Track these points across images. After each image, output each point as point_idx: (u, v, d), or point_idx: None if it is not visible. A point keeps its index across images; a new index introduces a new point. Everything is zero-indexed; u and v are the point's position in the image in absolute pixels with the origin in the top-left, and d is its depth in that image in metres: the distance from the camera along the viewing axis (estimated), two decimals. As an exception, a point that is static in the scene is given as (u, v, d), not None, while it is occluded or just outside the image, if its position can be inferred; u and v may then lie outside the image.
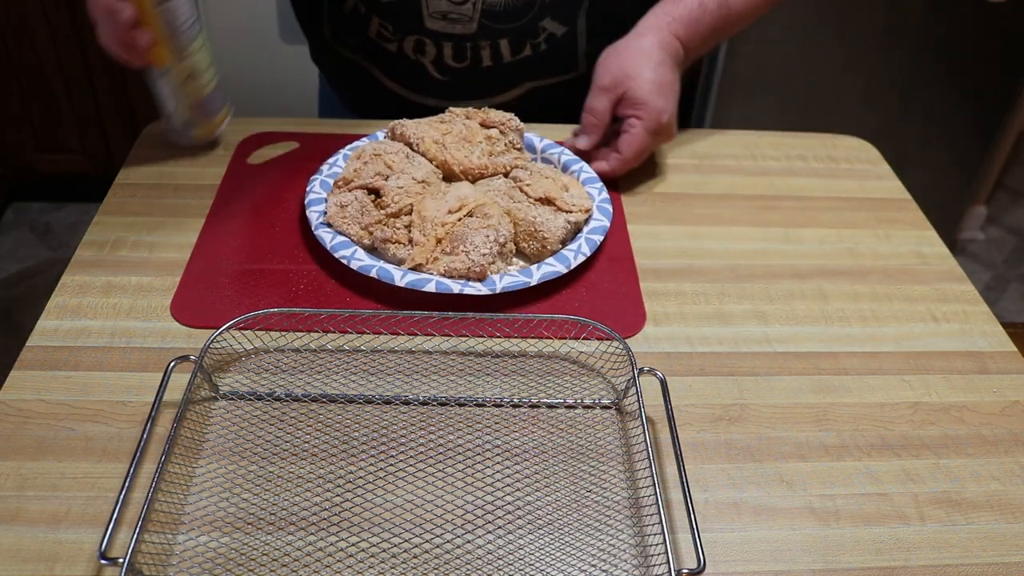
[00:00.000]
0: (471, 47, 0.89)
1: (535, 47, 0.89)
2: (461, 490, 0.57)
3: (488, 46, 0.89)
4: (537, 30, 0.88)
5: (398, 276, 0.68)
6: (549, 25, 0.88)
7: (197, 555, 0.52)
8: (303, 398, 0.63)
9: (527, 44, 0.89)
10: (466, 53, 0.89)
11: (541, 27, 0.88)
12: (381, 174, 0.75)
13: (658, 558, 0.53)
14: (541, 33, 0.89)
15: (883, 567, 0.55)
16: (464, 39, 0.88)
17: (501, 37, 0.88)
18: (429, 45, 0.89)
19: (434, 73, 0.91)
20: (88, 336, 0.66)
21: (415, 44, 0.89)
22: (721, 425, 0.63)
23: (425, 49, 0.89)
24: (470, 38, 0.88)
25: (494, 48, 0.89)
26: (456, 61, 0.90)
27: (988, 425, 0.65)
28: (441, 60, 0.90)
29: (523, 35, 0.89)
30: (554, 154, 0.86)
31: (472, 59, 0.90)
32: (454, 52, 0.89)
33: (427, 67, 0.91)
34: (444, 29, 0.87)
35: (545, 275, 0.70)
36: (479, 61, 0.90)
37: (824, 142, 0.97)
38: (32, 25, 1.93)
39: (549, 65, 0.92)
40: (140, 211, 0.80)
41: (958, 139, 2.04)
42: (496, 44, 0.89)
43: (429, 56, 0.90)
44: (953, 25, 1.83)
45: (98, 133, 2.12)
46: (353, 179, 0.75)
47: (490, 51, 0.89)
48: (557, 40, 0.90)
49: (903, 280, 0.78)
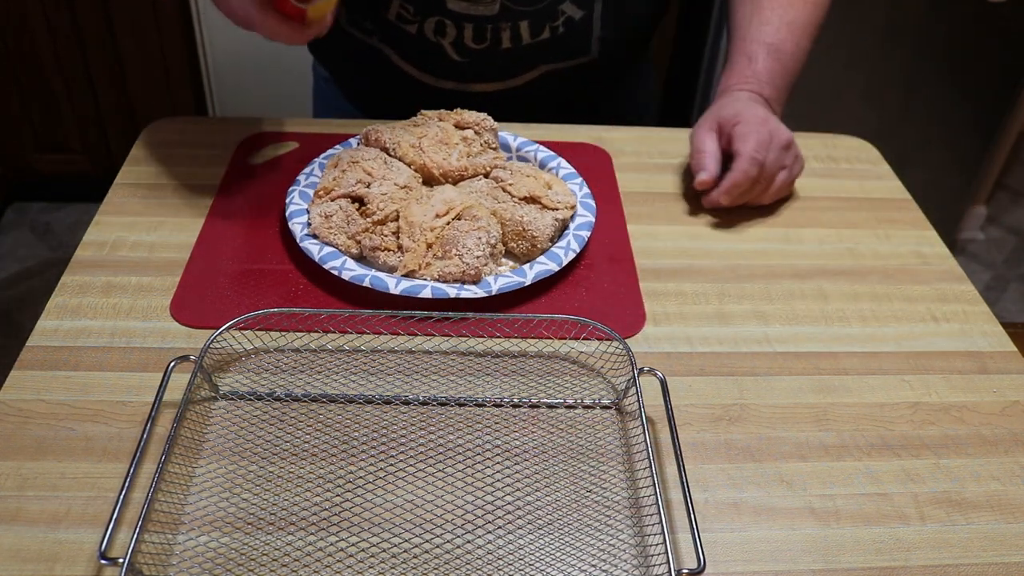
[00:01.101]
0: (491, 29, 0.89)
1: (553, 30, 0.90)
2: (461, 490, 0.57)
3: (508, 28, 0.89)
4: (556, 13, 0.89)
5: (392, 284, 0.68)
6: (568, 9, 0.89)
7: (197, 555, 0.52)
8: (303, 398, 0.63)
9: (546, 27, 0.90)
10: (486, 34, 0.90)
11: (560, 10, 0.89)
12: (362, 181, 0.74)
13: (658, 558, 0.53)
14: (560, 16, 0.89)
15: (883, 567, 0.55)
16: (485, 20, 0.89)
17: (522, 19, 0.89)
18: (450, 26, 0.89)
19: (452, 55, 0.91)
20: (88, 336, 0.66)
21: (435, 25, 0.89)
22: (721, 425, 0.63)
23: (445, 30, 0.89)
24: (491, 20, 0.89)
25: (514, 30, 0.89)
26: (476, 43, 0.90)
27: (988, 425, 0.65)
28: (461, 41, 0.90)
29: (543, 18, 0.89)
30: (530, 152, 0.86)
31: (492, 40, 0.90)
32: (474, 33, 0.89)
33: (446, 48, 0.91)
34: (466, 11, 0.87)
35: (539, 274, 0.70)
36: (498, 43, 0.90)
37: (824, 142, 0.97)
38: (32, 25, 1.93)
39: (564, 49, 0.93)
40: (140, 211, 0.80)
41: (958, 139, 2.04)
42: (516, 26, 0.89)
43: (449, 37, 0.90)
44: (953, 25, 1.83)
45: (98, 133, 2.12)
46: (334, 188, 0.75)
47: (510, 33, 0.90)
48: (574, 24, 0.90)
49: (903, 280, 0.78)
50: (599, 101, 1.03)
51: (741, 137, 0.80)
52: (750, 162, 0.79)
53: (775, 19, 0.88)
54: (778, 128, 0.81)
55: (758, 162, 0.79)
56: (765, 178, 0.81)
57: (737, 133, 0.80)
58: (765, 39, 0.87)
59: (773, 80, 0.87)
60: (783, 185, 0.83)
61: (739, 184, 0.80)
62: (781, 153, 0.81)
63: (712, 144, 0.82)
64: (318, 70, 1.09)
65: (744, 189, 0.80)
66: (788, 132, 0.82)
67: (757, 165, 0.79)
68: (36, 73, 2.01)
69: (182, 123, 0.92)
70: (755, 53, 0.87)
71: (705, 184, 0.81)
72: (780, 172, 0.82)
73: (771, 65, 0.87)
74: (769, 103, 0.86)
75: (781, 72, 0.87)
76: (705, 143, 0.83)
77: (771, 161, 0.80)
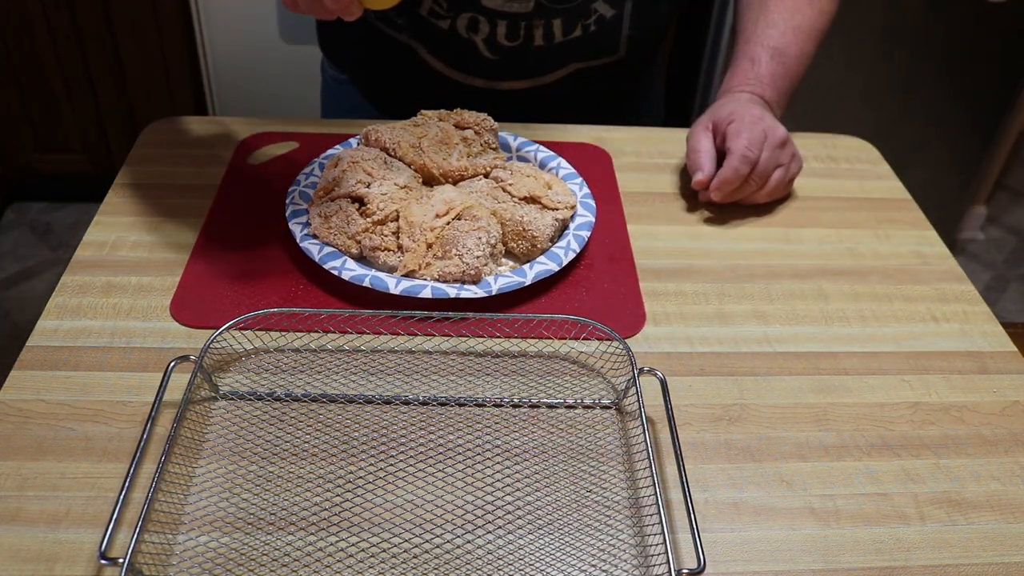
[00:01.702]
0: (525, 26, 0.89)
1: (585, 28, 0.90)
2: (461, 490, 0.57)
3: (541, 25, 0.89)
4: (589, 11, 0.89)
5: (392, 284, 0.68)
6: (600, 7, 0.89)
7: (197, 555, 0.52)
8: (303, 398, 0.63)
9: (578, 25, 0.90)
10: (519, 32, 0.90)
11: (593, 8, 0.89)
12: (362, 182, 0.74)
13: (658, 558, 0.53)
14: (592, 15, 0.90)
15: (883, 567, 0.55)
16: (519, 18, 0.89)
17: (555, 17, 0.89)
18: (483, 23, 0.89)
19: (484, 52, 0.91)
20: (88, 336, 0.66)
21: (468, 22, 0.89)
22: (721, 425, 0.63)
23: (479, 27, 0.89)
24: (525, 17, 0.89)
25: (547, 28, 0.90)
26: (509, 40, 0.90)
27: (988, 425, 0.65)
28: (493, 39, 0.90)
29: (576, 16, 0.90)
30: (530, 152, 0.86)
31: (525, 38, 0.90)
32: (508, 31, 0.90)
33: (478, 45, 0.91)
34: (500, 7, 0.88)
35: (539, 274, 0.70)
36: (531, 40, 0.91)
37: (824, 142, 0.97)
38: (32, 25, 1.93)
39: (595, 47, 0.93)
40: (140, 211, 0.80)
41: (958, 139, 2.04)
42: (549, 24, 0.89)
43: (482, 34, 0.90)
44: (953, 25, 1.83)
45: (98, 133, 2.12)
46: (334, 188, 0.75)
47: (543, 31, 0.90)
48: (605, 22, 0.91)
49: (903, 280, 0.78)
50: (622, 99, 1.03)
51: (733, 135, 0.80)
52: (740, 160, 0.79)
53: (781, 23, 0.88)
54: (773, 126, 0.81)
55: (749, 160, 0.79)
56: (759, 176, 0.81)
57: (730, 131, 0.81)
58: (770, 42, 0.87)
59: (775, 83, 0.87)
60: (779, 184, 0.83)
61: (729, 181, 0.80)
62: (776, 151, 0.81)
63: (707, 143, 0.83)
64: (328, 71, 1.08)
65: (735, 187, 0.81)
66: (783, 130, 0.82)
67: (748, 163, 0.79)
68: (36, 73, 2.01)
69: (182, 123, 0.92)
70: (759, 56, 0.87)
71: (701, 184, 0.81)
72: (776, 170, 0.82)
73: (774, 68, 0.87)
74: (769, 105, 0.86)
75: (784, 75, 0.88)
76: (700, 142, 0.83)
77: (765, 159, 0.80)
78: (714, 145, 0.83)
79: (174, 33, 1.95)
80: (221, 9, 1.87)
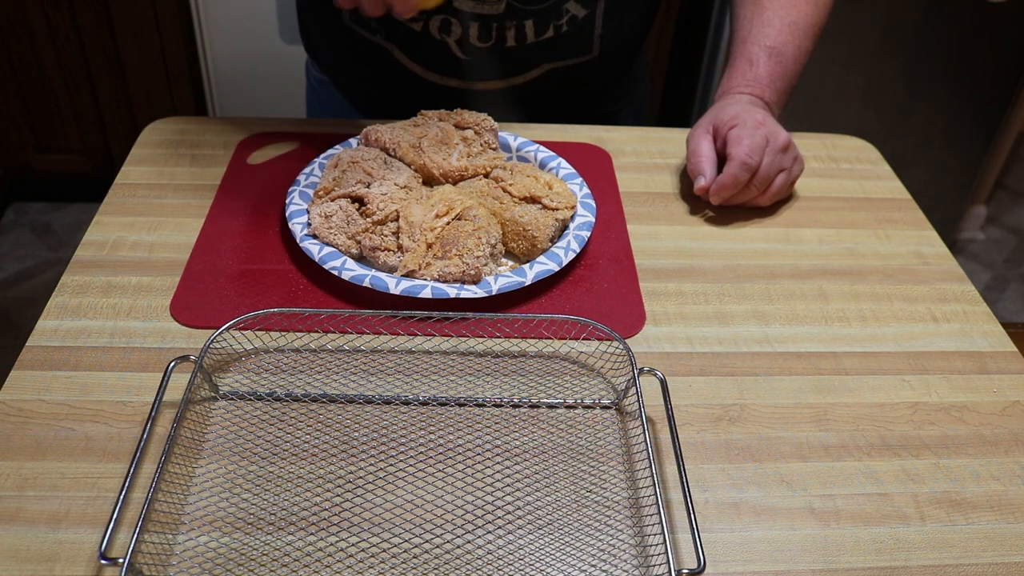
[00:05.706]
0: (497, 27, 0.89)
1: (557, 29, 0.90)
2: (461, 490, 0.57)
3: (513, 26, 0.89)
4: (561, 12, 0.89)
5: (392, 284, 0.68)
6: (572, 8, 0.89)
7: (197, 555, 0.52)
8: (303, 398, 0.63)
9: (550, 26, 0.90)
10: (491, 33, 0.90)
11: (565, 9, 0.89)
12: (362, 182, 0.74)
13: (658, 558, 0.53)
14: (564, 15, 0.90)
15: (883, 567, 0.55)
16: (491, 19, 0.89)
17: (527, 18, 0.89)
18: (455, 24, 0.89)
19: (457, 53, 0.92)
20: (88, 336, 0.66)
21: (441, 23, 0.89)
22: (721, 425, 0.63)
23: (451, 28, 0.90)
24: (497, 18, 0.89)
25: (519, 29, 0.90)
26: (481, 41, 0.90)
27: (988, 425, 0.65)
28: (466, 40, 0.91)
29: (548, 17, 0.90)
30: (530, 152, 0.86)
31: (497, 39, 0.91)
32: (480, 32, 0.90)
33: (451, 46, 0.91)
34: (472, 9, 0.88)
35: (539, 274, 0.70)
36: (503, 41, 0.91)
37: (824, 142, 0.97)
38: (32, 25, 1.93)
39: (567, 47, 0.93)
40: (140, 211, 0.80)
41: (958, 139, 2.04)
42: (522, 25, 0.89)
43: (454, 36, 0.90)
44: (953, 25, 1.83)
45: (98, 133, 2.12)
46: (334, 188, 0.75)
47: (515, 31, 0.90)
48: (578, 23, 0.91)
49: (903, 280, 0.78)
50: (600, 98, 1.03)
51: (735, 141, 0.80)
52: (740, 167, 0.79)
53: (776, 21, 0.88)
54: (775, 130, 0.81)
55: (749, 167, 0.79)
56: (761, 181, 0.81)
57: (731, 136, 0.80)
58: (766, 42, 0.87)
59: (774, 83, 0.87)
60: (782, 187, 0.83)
61: (728, 187, 0.80)
62: (779, 156, 0.81)
63: (707, 147, 0.83)
64: (312, 73, 1.09)
65: (733, 192, 0.81)
66: (786, 134, 0.82)
67: (748, 170, 0.79)
68: (36, 73, 2.01)
69: (182, 123, 0.92)
70: (756, 56, 0.87)
71: (703, 191, 0.82)
72: (779, 174, 0.82)
73: (772, 68, 0.87)
74: (769, 106, 0.86)
75: (782, 75, 0.87)
76: (700, 146, 0.83)
77: (767, 164, 0.80)
78: (715, 149, 0.83)
79: (174, 33, 1.95)
80: (221, 9, 1.87)
